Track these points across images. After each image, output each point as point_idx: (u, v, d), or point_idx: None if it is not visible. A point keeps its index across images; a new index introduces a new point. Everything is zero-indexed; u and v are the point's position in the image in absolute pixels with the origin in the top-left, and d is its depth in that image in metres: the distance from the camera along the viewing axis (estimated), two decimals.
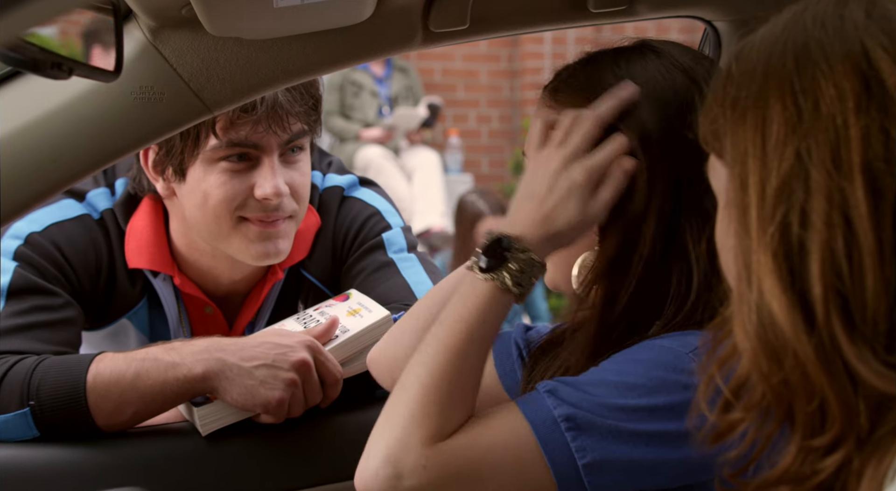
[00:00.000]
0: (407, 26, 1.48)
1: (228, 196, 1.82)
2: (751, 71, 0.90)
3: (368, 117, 7.25)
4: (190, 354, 1.67)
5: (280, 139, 1.82)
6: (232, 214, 1.83)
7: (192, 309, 1.97)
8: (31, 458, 1.64)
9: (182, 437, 1.72)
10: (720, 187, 0.95)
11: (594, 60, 1.35)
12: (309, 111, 1.85)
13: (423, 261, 1.98)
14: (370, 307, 1.80)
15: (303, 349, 1.69)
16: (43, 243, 1.83)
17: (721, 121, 0.91)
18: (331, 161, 2.08)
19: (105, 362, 1.67)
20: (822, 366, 0.82)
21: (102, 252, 1.89)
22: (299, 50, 1.45)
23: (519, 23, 1.56)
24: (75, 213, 1.89)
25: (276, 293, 1.98)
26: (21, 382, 1.65)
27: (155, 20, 1.39)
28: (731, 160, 0.90)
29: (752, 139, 0.87)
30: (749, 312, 0.85)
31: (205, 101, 1.44)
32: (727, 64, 0.93)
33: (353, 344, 1.75)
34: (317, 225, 1.98)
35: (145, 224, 1.91)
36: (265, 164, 1.82)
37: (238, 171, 1.82)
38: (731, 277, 0.91)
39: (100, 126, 1.42)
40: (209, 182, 1.82)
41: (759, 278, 0.84)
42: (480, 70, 8.39)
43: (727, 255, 0.92)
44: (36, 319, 1.77)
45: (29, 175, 1.40)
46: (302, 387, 1.69)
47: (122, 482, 1.63)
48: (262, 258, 1.87)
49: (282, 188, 1.82)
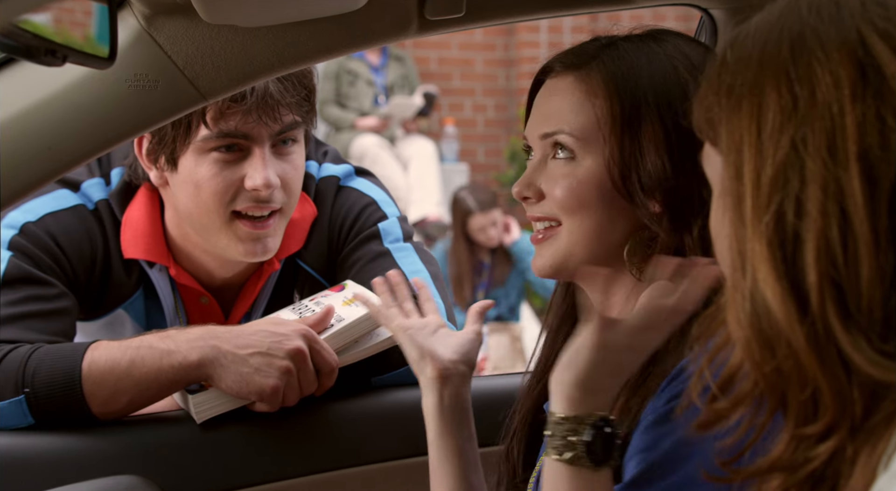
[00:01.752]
0: (402, 14, 1.47)
1: (220, 188, 1.81)
2: (746, 58, 0.89)
3: (364, 106, 7.24)
4: (185, 341, 1.67)
5: (271, 130, 1.81)
6: (225, 208, 1.83)
7: (188, 299, 1.97)
8: (27, 446, 1.65)
9: (178, 425, 1.72)
10: (715, 176, 0.94)
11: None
12: (301, 102, 1.84)
13: (420, 250, 1.97)
14: (365, 296, 1.80)
15: (298, 338, 1.69)
16: (38, 233, 1.82)
17: (716, 109, 0.91)
18: (326, 150, 2.08)
19: (100, 350, 1.67)
20: (816, 354, 0.82)
21: (97, 242, 1.89)
22: (294, 38, 1.45)
23: (515, 10, 1.56)
24: (70, 204, 1.88)
25: (272, 284, 1.98)
26: (16, 370, 1.65)
27: (149, 7, 1.38)
28: (725, 149, 0.89)
29: (747, 127, 0.87)
30: (743, 301, 0.85)
31: (199, 88, 1.44)
32: (722, 51, 0.93)
33: (348, 333, 1.75)
34: (313, 215, 1.98)
35: (141, 214, 1.90)
36: (256, 155, 1.81)
37: (229, 161, 1.81)
38: (725, 265, 0.91)
39: (94, 114, 1.42)
40: (200, 173, 1.81)
41: (754, 267, 0.84)
42: (476, 59, 8.38)
43: (721, 243, 0.92)
44: (30, 308, 1.76)
45: (24, 163, 1.40)
46: (297, 375, 1.68)
47: (118, 470, 1.63)
48: (251, 256, 1.87)
49: (272, 180, 1.81)
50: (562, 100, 1.34)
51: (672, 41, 1.34)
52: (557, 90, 1.35)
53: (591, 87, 1.32)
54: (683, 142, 1.25)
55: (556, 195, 1.32)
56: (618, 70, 1.31)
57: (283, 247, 1.94)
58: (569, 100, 1.33)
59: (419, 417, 1.48)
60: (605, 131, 1.30)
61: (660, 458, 1.15)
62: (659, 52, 1.32)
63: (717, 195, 0.94)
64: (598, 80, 1.32)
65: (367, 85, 7.20)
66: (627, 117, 1.29)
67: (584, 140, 1.31)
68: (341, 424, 1.76)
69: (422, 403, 1.49)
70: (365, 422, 1.77)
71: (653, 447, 1.16)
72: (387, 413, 1.77)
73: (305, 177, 1.98)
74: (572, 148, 1.32)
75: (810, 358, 0.82)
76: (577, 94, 1.33)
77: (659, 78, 1.30)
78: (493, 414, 1.52)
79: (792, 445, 0.84)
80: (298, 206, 1.94)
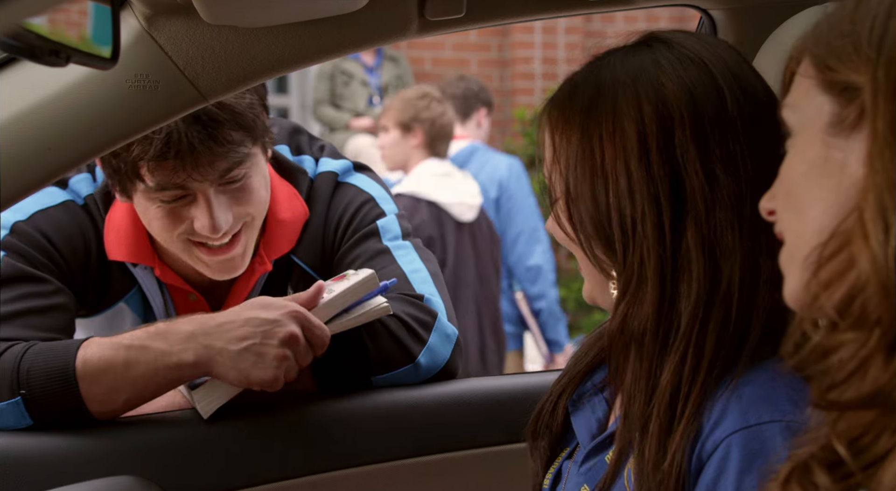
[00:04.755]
0: (402, 14, 1.48)
1: (170, 228, 1.81)
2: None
3: (359, 107, 7.24)
4: (178, 341, 1.65)
5: (209, 180, 1.77)
6: (180, 239, 1.82)
7: (176, 297, 1.96)
8: (25, 446, 1.64)
9: (176, 425, 1.72)
10: (812, 118, 0.92)
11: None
12: (242, 140, 1.77)
13: (418, 248, 1.96)
14: (357, 272, 1.79)
15: (290, 321, 1.67)
16: (29, 231, 1.82)
17: (857, 38, 0.87)
18: (323, 145, 2.06)
19: (92, 348, 1.66)
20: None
21: (90, 237, 1.88)
22: (294, 38, 1.45)
23: (515, 11, 1.56)
24: (59, 200, 1.87)
25: (262, 283, 1.97)
26: (10, 370, 1.64)
27: (150, 8, 1.38)
28: (876, 80, 0.85)
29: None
30: (885, 234, 0.81)
31: (200, 89, 1.44)
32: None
33: (338, 301, 1.73)
34: (304, 216, 1.95)
35: (123, 214, 1.89)
36: (200, 202, 1.78)
37: (175, 208, 1.79)
38: (824, 210, 0.89)
39: (94, 114, 1.42)
40: (150, 214, 1.81)
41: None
42: (471, 60, 8.38)
43: (825, 184, 0.89)
44: (26, 305, 1.76)
45: (25, 163, 1.40)
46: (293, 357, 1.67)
47: (117, 470, 1.63)
48: (219, 275, 1.87)
49: (221, 224, 1.78)
50: (546, 149, 1.33)
51: (652, 54, 1.29)
52: (542, 141, 1.35)
53: (550, 127, 1.31)
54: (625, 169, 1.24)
55: (556, 234, 1.34)
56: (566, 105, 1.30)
57: (273, 247, 1.93)
58: (549, 147, 1.32)
59: (419, 417, 1.48)
60: (570, 171, 1.29)
61: None
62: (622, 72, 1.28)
63: (817, 136, 0.91)
64: (548, 119, 1.31)
65: (361, 85, 7.19)
66: (566, 151, 1.29)
67: (559, 182, 1.30)
68: (341, 424, 1.76)
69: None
70: (365, 422, 1.77)
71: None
72: (387, 413, 1.77)
73: (299, 173, 1.96)
74: (553, 188, 1.32)
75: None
76: (556, 139, 1.31)
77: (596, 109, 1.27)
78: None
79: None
80: (289, 206, 1.93)
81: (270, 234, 1.94)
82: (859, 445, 0.84)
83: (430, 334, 1.81)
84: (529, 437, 1.45)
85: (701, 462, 1.17)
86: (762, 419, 1.14)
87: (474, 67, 8.37)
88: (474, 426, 1.79)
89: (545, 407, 1.44)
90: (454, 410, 1.79)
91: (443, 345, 1.83)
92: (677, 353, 1.21)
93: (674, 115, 1.22)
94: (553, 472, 1.40)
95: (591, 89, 1.27)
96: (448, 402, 1.80)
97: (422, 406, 1.78)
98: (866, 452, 0.84)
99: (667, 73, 1.25)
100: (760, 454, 1.13)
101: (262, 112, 1.83)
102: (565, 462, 1.38)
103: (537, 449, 1.44)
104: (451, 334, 1.84)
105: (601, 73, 1.28)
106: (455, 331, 1.85)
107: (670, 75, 1.24)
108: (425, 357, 1.80)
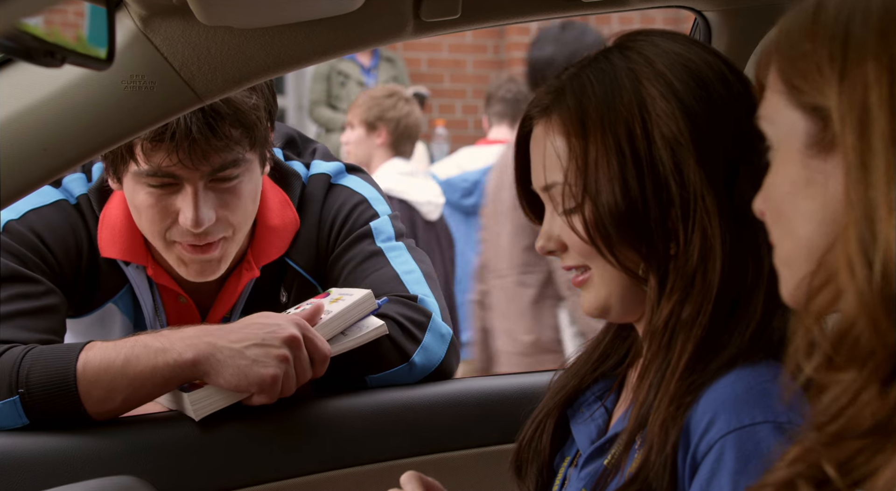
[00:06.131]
0: (398, 15, 1.48)
1: (155, 217, 1.80)
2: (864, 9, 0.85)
3: None
4: (179, 339, 1.67)
5: (200, 171, 1.77)
6: (162, 236, 1.82)
7: (167, 298, 1.95)
8: (22, 446, 1.64)
9: (174, 425, 1.72)
10: (786, 134, 0.91)
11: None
12: (240, 138, 1.77)
13: (412, 249, 1.96)
14: (351, 293, 1.80)
15: (291, 326, 1.68)
16: (21, 231, 1.81)
17: (820, 63, 0.86)
18: (315, 148, 2.06)
19: (95, 350, 1.67)
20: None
21: (82, 237, 1.87)
22: (290, 39, 1.45)
23: (510, 12, 1.56)
24: (52, 199, 1.87)
25: (251, 288, 1.96)
26: (10, 371, 1.65)
27: (145, 9, 1.39)
28: (844, 106, 0.84)
29: (875, 81, 0.82)
30: (867, 269, 0.81)
31: (195, 90, 1.44)
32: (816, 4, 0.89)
33: (337, 321, 1.74)
34: (295, 225, 1.94)
35: (118, 212, 1.89)
36: (187, 192, 1.78)
37: (163, 194, 1.78)
38: (820, 231, 0.88)
39: (90, 115, 1.42)
40: (137, 199, 1.80)
41: (885, 232, 0.80)
42: (467, 60, 8.38)
43: (819, 206, 0.88)
44: (18, 307, 1.76)
45: (20, 163, 1.40)
46: (293, 364, 1.68)
47: (114, 471, 1.63)
48: (197, 277, 1.86)
49: (204, 219, 1.77)
50: (544, 150, 1.31)
51: (638, 48, 1.30)
52: (538, 140, 1.33)
53: (564, 130, 1.29)
54: (650, 158, 1.24)
55: (574, 245, 1.30)
56: (580, 105, 1.29)
57: (263, 254, 1.93)
58: (550, 149, 1.30)
59: (416, 417, 1.48)
60: (591, 171, 1.28)
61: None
62: (620, 67, 1.29)
63: (796, 156, 0.90)
64: (562, 122, 1.29)
65: (358, 86, 7.19)
66: (585, 153, 1.27)
67: (577, 186, 1.28)
68: (338, 424, 1.76)
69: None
70: (360, 422, 1.77)
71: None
72: (383, 413, 1.78)
73: (292, 177, 1.96)
74: (571, 196, 1.29)
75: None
76: (558, 141, 1.30)
77: (616, 101, 1.27)
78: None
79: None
80: (279, 213, 1.93)
81: (260, 240, 1.93)
82: (850, 467, 0.84)
83: (425, 334, 1.82)
84: (514, 473, 1.44)
85: (695, 463, 1.17)
86: (756, 420, 1.14)
87: (470, 69, 8.38)
88: (468, 426, 1.80)
89: (525, 435, 1.43)
90: (448, 409, 1.80)
91: (437, 345, 1.83)
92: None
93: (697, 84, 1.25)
94: (559, 481, 1.40)
95: (602, 87, 1.28)
96: (442, 402, 1.81)
97: (416, 406, 1.79)
98: (856, 472, 0.83)
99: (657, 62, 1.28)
100: (755, 455, 1.12)
101: (265, 117, 1.82)
102: (568, 470, 1.39)
103: (526, 479, 1.43)
104: (445, 334, 1.84)
105: (605, 69, 1.29)
106: (450, 331, 1.85)
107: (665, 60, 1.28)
108: (420, 357, 1.81)
